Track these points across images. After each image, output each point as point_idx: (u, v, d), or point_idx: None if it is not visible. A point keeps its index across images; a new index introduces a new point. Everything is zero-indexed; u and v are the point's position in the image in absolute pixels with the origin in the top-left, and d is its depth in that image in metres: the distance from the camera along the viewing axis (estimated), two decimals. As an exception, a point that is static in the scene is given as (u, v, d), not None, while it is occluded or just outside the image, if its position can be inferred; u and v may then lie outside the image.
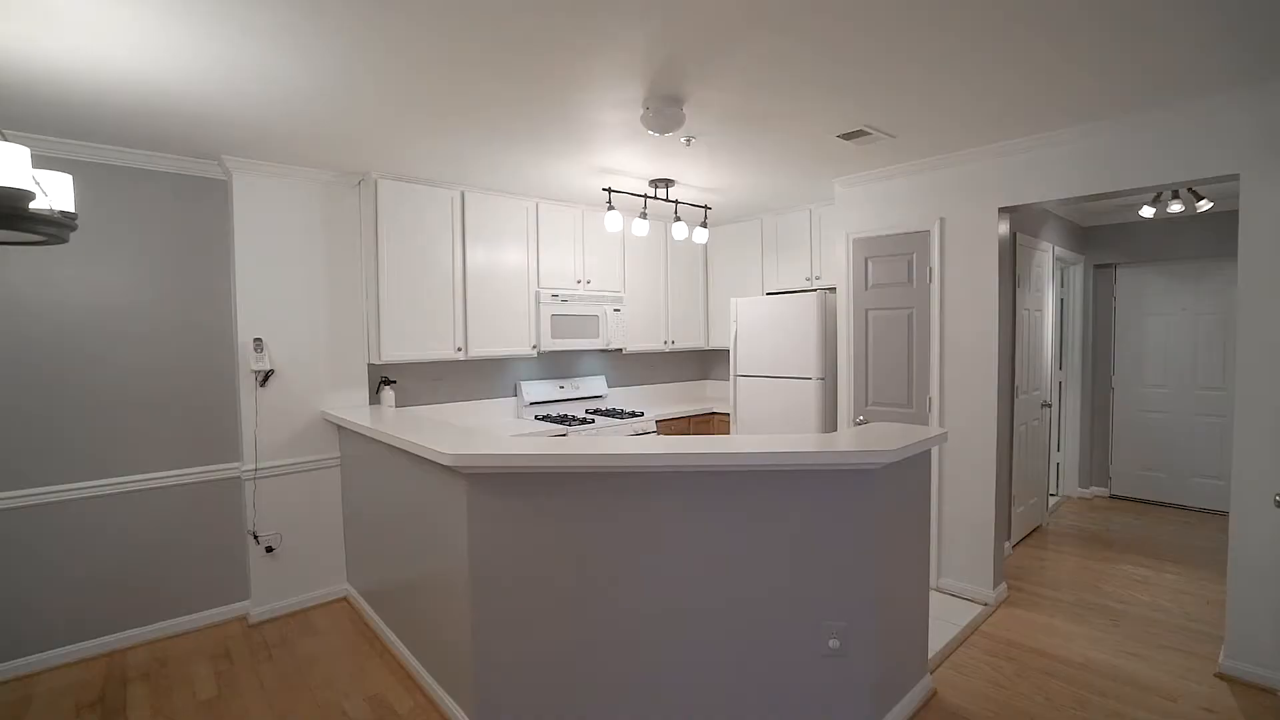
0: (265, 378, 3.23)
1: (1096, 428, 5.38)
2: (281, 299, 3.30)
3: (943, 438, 2.30)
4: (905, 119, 2.76)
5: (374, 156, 3.18)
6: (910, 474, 2.29)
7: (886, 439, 2.12)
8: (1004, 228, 3.26)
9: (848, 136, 2.96)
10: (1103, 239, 5.23)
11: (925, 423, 3.49)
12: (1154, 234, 4.98)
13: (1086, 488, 5.41)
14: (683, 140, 2.95)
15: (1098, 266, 5.33)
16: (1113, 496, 5.35)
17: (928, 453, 2.40)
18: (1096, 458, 5.40)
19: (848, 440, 2.10)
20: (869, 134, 2.92)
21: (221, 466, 3.23)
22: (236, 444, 3.27)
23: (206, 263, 3.21)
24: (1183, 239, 4.85)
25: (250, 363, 3.17)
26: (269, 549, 3.26)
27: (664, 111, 2.47)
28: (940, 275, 3.40)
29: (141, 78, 2.19)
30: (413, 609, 2.70)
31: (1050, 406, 4.65)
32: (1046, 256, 4.53)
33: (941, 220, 3.39)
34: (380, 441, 2.78)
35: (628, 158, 3.26)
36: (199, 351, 3.19)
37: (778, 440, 2.12)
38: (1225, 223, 4.63)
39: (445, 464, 2.09)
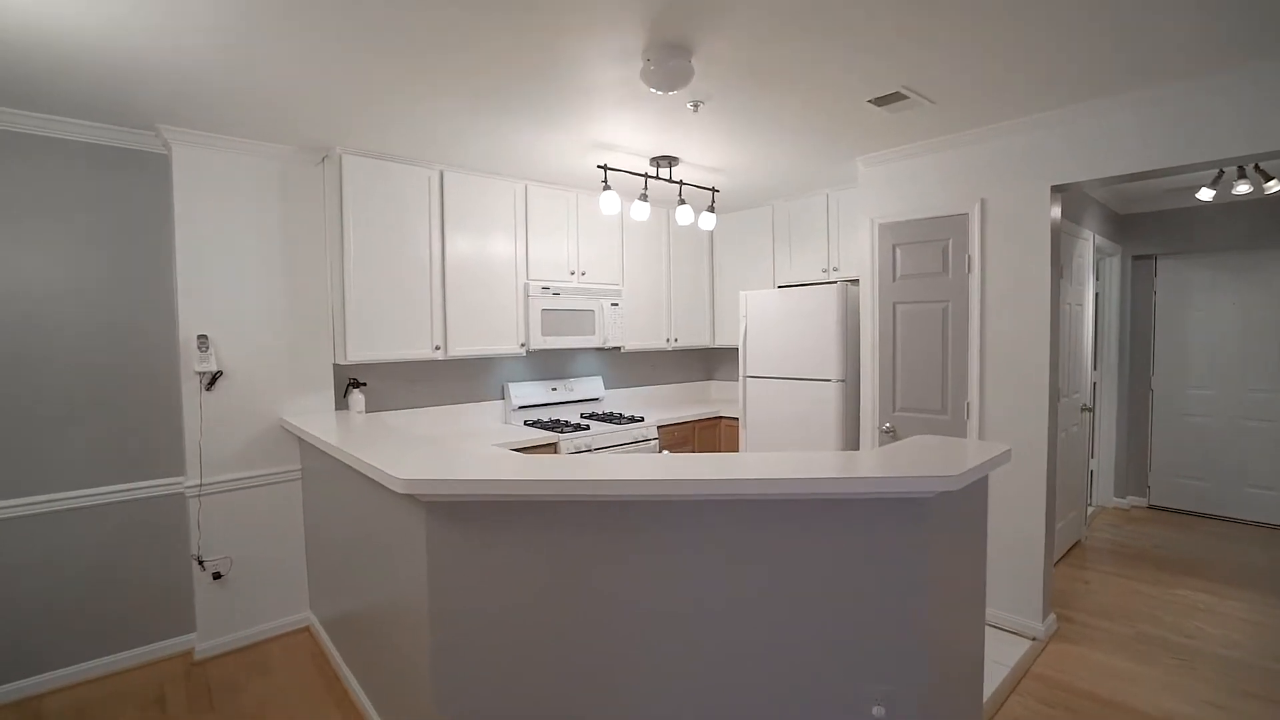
0: (212, 380, 2.83)
1: (1134, 433, 4.98)
2: (231, 292, 2.90)
3: (1006, 456, 1.90)
4: (946, 82, 2.36)
5: (338, 128, 2.78)
6: (968, 500, 1.89)
7: (944, 459, 1.72)
8: (1056, 210, 2.85)
9: (881, 101, 2.55)
10: (1142, 228, 4.82)
11: (962, 431, 3.09)
12: (1199, 222, 4.56)
13: (1123, 497, 5.00)
14: (689, 105, 2.54)
15: (1136, 258, 4.92)
16: (1151, 507, 4.95)
17: (986, 475, 1.99)
18: (1134, 465, 4.99)
19: (895, 462, 1.70)
20: (906, 98, 2.51)
21: (160, 482, 2.83)
22: (179, 456, 2.87)
23: (142, 250, 2.80)
24: (1231, 227, 4.44)
25: (194, 363, 2.77)
26: (216, 575, 2.86)
27: (667, 64, 2.06)
28: (981, 264, 3.00)
29: (55, 27, 1.78)
30: (372, 650, 2.30)
31: (1091, 411, 4.24)
32: (1087, 245, 4.13)
33: (982, 202, 2.98)
34: (333, 457, 2.38)
35: (626, 129, 2.86)
36: (133, 351, 2.78)
37: (808, 461, 1.72)
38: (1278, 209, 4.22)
39: (398, 490, 1.68)
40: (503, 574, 1.72)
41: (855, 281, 3.81)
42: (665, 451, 2.09)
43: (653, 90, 2.17)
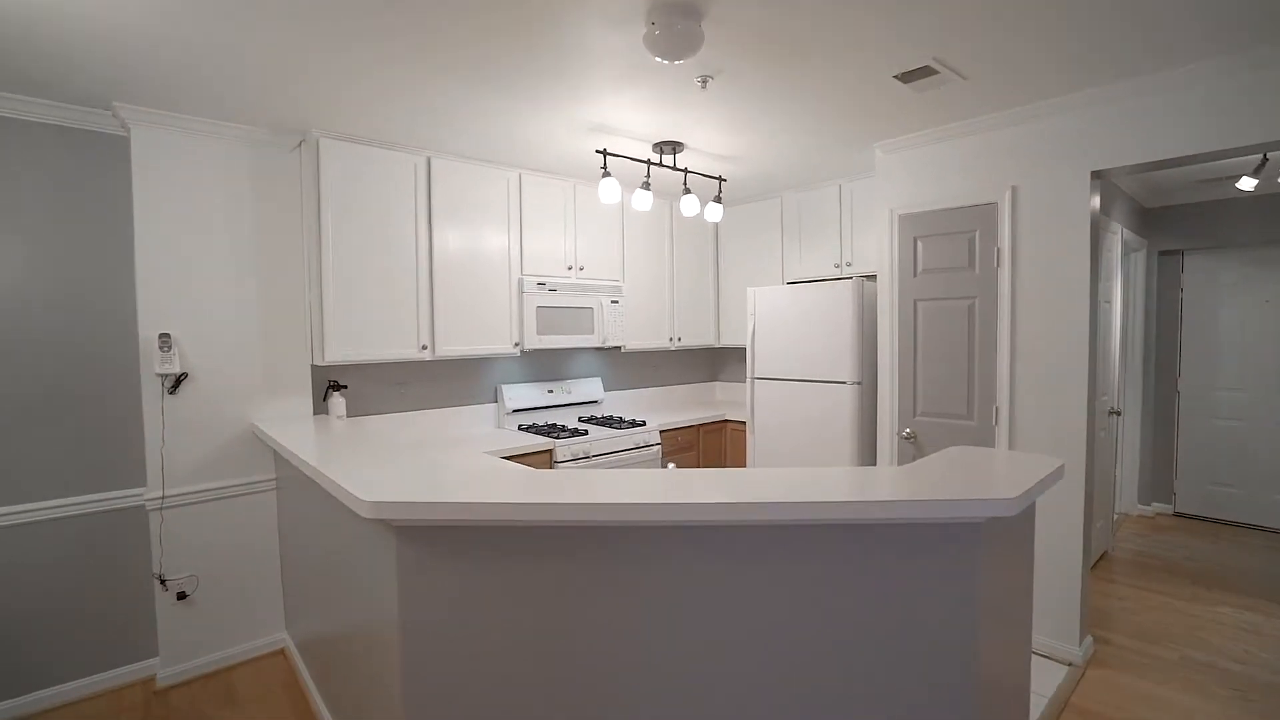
0: (176, 383, 2.60)
1: (1159, 437, 4.74)
2: (197, 286, 2.66)
3: (1059, 474, 1.67)
4: (980, 56, 2.13)
5: (315, 109, 2.54)
6: (1018, 523, 1.66)
7: (993, 477, 1.49)
8: (1096, 198, 2.62)
9: (908, 76, 2.32)
10: (1169, 222, 4.59)
11: (990, 438, 2.86)
12: (1230, 215, 4.33)
13: (1148, 504, 4.77)
14: (697, 81, 2.31)
15: (1162, 253, 4.69)
16: (1177, 514, 4.72)
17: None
18: (1159, 471, 4.76)
19: (938, 481, 1.47)
20: (936, 72, 2.28)
21: (119, 494, 2.59)
22: (139, 466, 2.64)
23: (98, 240, 2.56)
24: (1264, 221, 4.20)
25: (155, 364, 2.54)
26: (181, 595, 2.63)
27: (675, 27, 1.83)
28: (1011, 257, 2.77)
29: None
30: (343, 681, 2.07)
31: (1120, 414, 4.01)
32: (1116, 239, 3.90)
33: (1013, 190, 2.75)
34: (299, 469, 2.15)
35: (627, 110, 2.62)
36: (88, 351, 2.55)
37: (840, 481, 1.48)
38: (1322, 201, 3.98)
39: (363, 514, 1.45)
40: (485, 605, 1.49)
41: (872, 277, 3.58)
42: (671, 465, 1.86)
43: (658, 59, 1.94)
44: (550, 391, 3.89)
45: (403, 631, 1.51)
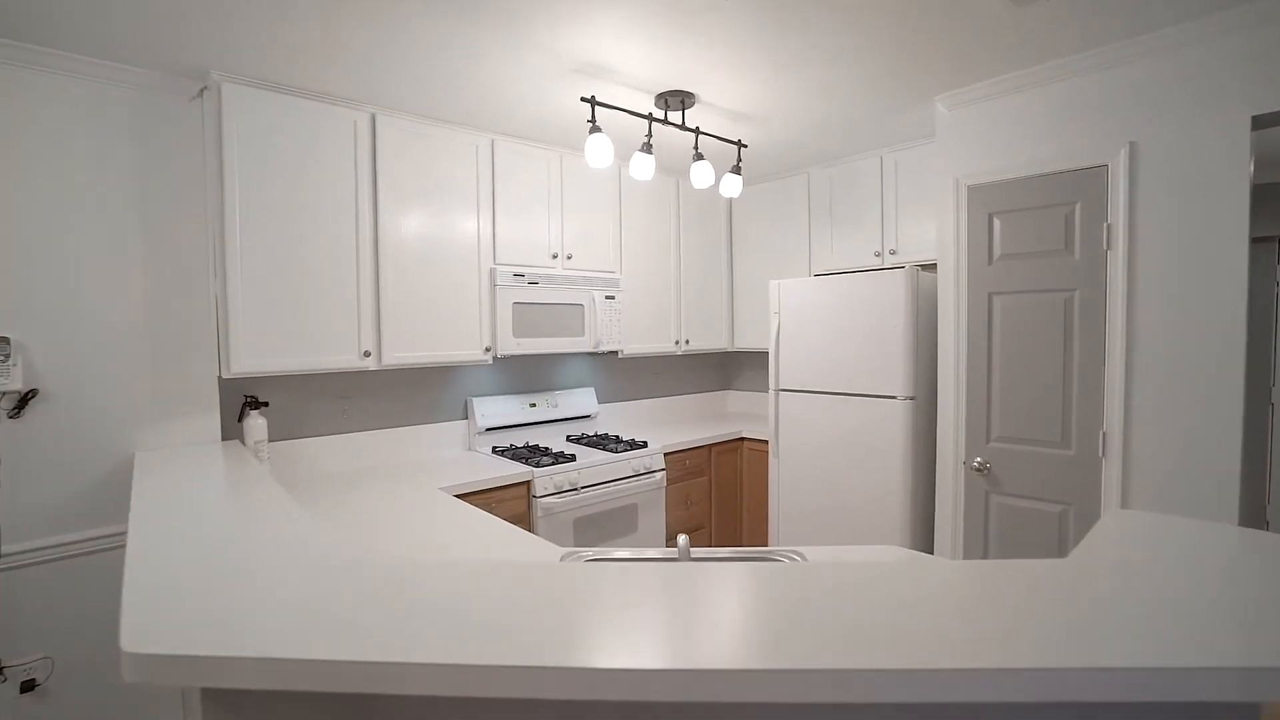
0: (20, 402, 1.95)
1: (1248, 457, 4.05)
2: (51, 275, 2.02)
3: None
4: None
5: (218, 43, 1.91)
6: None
7: (1255, 595, 0.83)
8: (1253, 158, 1.95)
9: (1013, -22, 1.66)
10: (1263, 201, 3.90)
11: (1096, 473, 2.20)
12: (1339, 196, 3.66)
13: (1234, 535, 4.09)
14: (718, -16, 1.65)
15: (1254, 240, 4.00)
16: (1268, 546, 4.03)
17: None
18: (1250, 493, 4.06)
19: (1172, 611, 0.81)
20: (1056, -31, 1.62)
21: (-63, 554, 1.95)
22: (-32, 514, 1.99)
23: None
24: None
25: (-14, 379, 1.89)
26: (28, 685, 1.98)
27: None
28: (1127, 237, 2.11)
29: None
30: None
31: (1221, 433, 3.33)
32: (1218, 221, 3.22)
33: (1131, 147, 2.09)
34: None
35: (623, 40, 1.97)
36: (-108, 360, 1.90)
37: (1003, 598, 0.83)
38: None
39: (125, 676, 0.80)
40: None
41: (928, 266, 2.91)
42: (683, 537, 1.20)
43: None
44: (532, 406, 3.23)
45: None
